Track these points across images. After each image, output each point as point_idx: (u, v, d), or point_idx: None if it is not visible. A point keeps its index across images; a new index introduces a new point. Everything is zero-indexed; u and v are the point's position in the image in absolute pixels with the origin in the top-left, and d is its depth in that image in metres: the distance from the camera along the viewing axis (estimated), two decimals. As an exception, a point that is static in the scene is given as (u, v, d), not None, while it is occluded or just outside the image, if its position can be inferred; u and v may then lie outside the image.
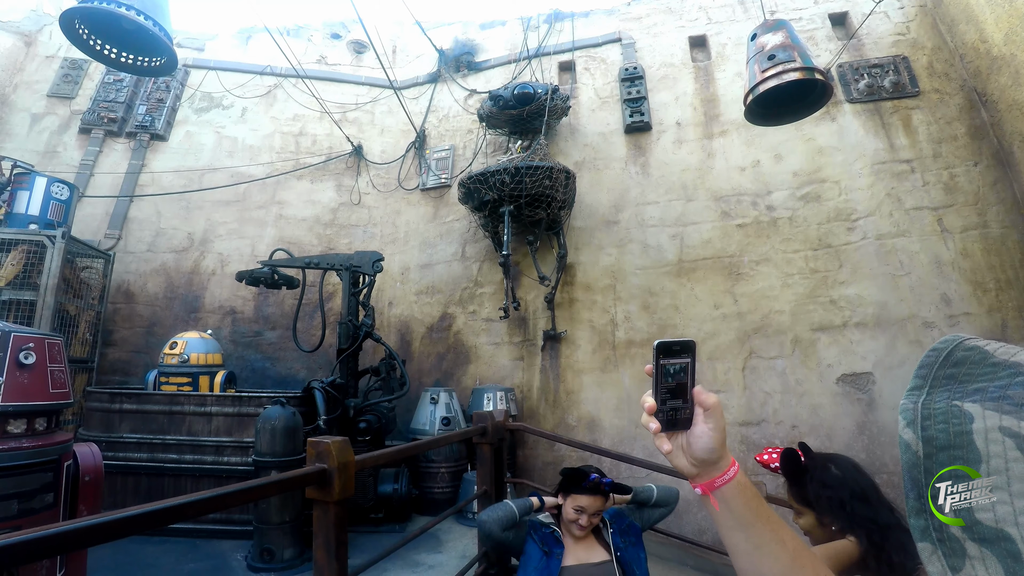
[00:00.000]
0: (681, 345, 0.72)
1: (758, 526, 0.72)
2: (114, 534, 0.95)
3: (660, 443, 0.74)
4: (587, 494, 2.19)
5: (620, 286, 5.43)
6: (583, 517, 2.16)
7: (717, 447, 0.72)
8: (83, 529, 0.90)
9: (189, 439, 3.96)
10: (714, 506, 0.73)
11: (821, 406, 4.63)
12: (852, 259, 4.86)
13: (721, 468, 0.73)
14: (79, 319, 5.34)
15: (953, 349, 0.53)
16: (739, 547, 0.73)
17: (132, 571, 3.19)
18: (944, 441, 0.49)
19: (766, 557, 0.71)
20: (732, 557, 0.75)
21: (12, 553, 0.79)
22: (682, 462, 0.75)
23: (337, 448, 1.46)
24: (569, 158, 5.96)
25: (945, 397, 0.51)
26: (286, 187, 6.81)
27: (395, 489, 4.08)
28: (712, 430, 0.72)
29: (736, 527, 0.72)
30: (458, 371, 5.82)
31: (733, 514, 0.72)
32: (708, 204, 5.40)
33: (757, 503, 0.73)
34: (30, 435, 1.80)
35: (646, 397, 0.74)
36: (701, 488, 0.74)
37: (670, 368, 0.73)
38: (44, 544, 0.84)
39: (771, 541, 0.71)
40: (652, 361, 0.73)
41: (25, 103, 6.93)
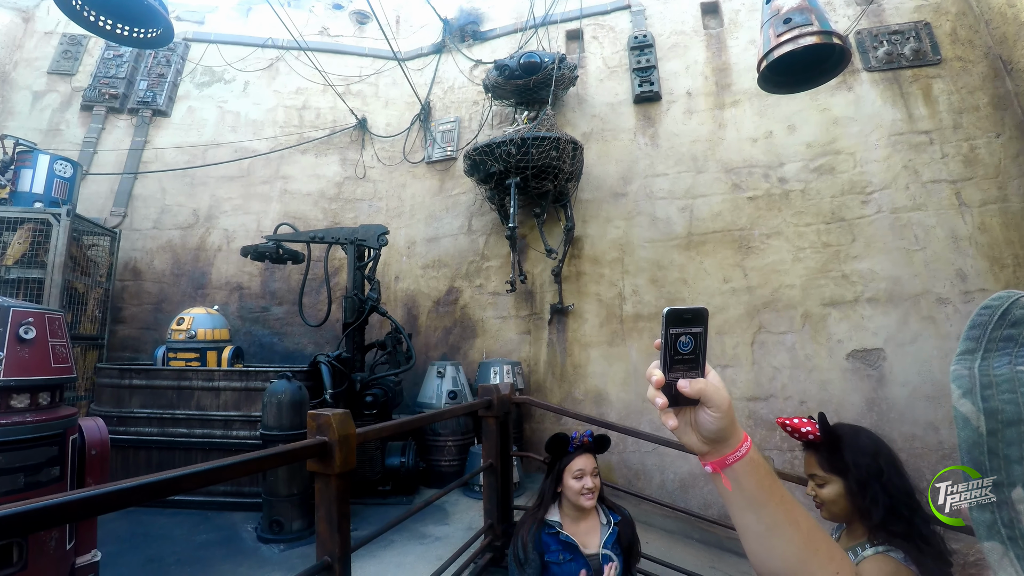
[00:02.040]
0: (693, 313, 0.67)
1: (771, 506, 0.68)
2: (116, 504, 0.95)
3: (666, 419, 0.69)
4: (578, 455, 2.20)
5: (628, 259, 5.37)
6: (587, 479, 2.15)
7: (723, 426, 0.68)
8: (86, 499, 0.89)
9: (198, 413, 3.99)
10: (725, 486, 0.69)
11: (830, 382, 4.59)
12: (866, 233, 4.75)
13: (733, 444, 0.69)
14: (87, 297, 5.35)
15: (1009, 307, 0.47)
16: (750, 528, 0.70)
17: (145, 542, 3.24)
18: (1013, 414, 0.43)
19: (779, 539, 0.68)
20: (742, 538, 0.72)
21: (15, 522, 0.79)
22: (691, 439, 0.70)
23: (338, 420, 1.44)
24: (576, 129, 5.84)
25: (1006, 362, 0.45)
26: (290, 162, 6.74)
27: (402, 462, 4.11)
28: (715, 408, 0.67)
29: (747, 507, 0.69)
30: (465, 345, 5.82)
31: (744, 493, 0.68)
32: (718, 176, 5.29)
33: (770, 481, 0.69)
34: (34, 409, 1.79)
35: (653, 369, 0.68)
36: (711, 466, 0.70)
37: (680, 339, 0.67)
38: (47, 513, 0.83)
39: (784, 522, 0.68)
40: (660, 331, 0.67)
41: (26, 80, 6.86)
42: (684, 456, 4.60)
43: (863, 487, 1.43)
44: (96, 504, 0.91)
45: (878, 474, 1.42)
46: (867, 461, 1.44)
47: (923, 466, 4.09)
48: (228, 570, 2.86)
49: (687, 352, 0.68)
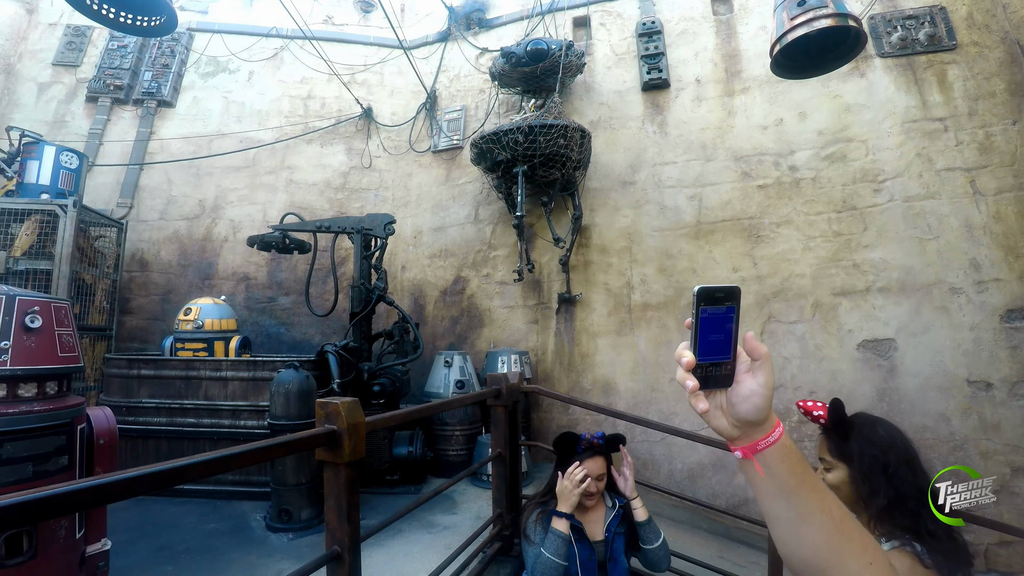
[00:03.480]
0: (725, 292, 0.65)
1: (803, 493, 0.66)
2: (125, 492, 0.93)
3: (696, 401, 0.67)
4: (586, 457, 2.17)
5: (636, 248, 5.32)
6: (590, 483, 2.13)
7: (766, 406, 0.66)
8: (94, 487, 0.88)
9: (206, 403, 4.00)
10: (758, 471, 0.67)
11: (840, 372, 4.55)
12: (877, 222, 4.69)
13: (765, 429, 0.67)
14: (95, 288, 5.37)
15: None
16: (780, 516, 0.68)
17: (155, 530, 3.26)
18: None
19: (810, 527, 0.66)
20: (771, 526, 0.70)
21: (24, 511, 0.77)
22: (722, 423, 0.68)
23: (347, 409, 1.41)
24: (584, 117, 5.78)
25: None
26: (296, 152, 6.72)
27: (410, 451, 4.10)
28: (762, 386, 0.66)
29: (778, 494, 0.67)
30: (472, 334, 5.80)
31: (776, 480, 0.66)
32: (728, 164, 5.22)
33: (802, 468, 0.67)
34: (41, 399, 1.78)
35: (683, 350, 0.66)
36: (742, 451, 0.68)
37: (712, 318, 0.64)
38: (55, 502, 0.81)
39: (816, 510, 0.66)
40: (691, 309, 0.64)
41: (31, 72, 6.85)
42: (692, 446, 4.59)
43: (865, 477, 1.42)
44: (105, 492, 0.89)
45: (883, 466, 1.40)
46: (874, 452, 1.43)
47: (933, 457, 4.05)
48: (238, 558, 2.87)
49: (718, 332, 0.65)
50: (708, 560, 2.95)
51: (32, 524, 1.62)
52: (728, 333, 0.66)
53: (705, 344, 0.65)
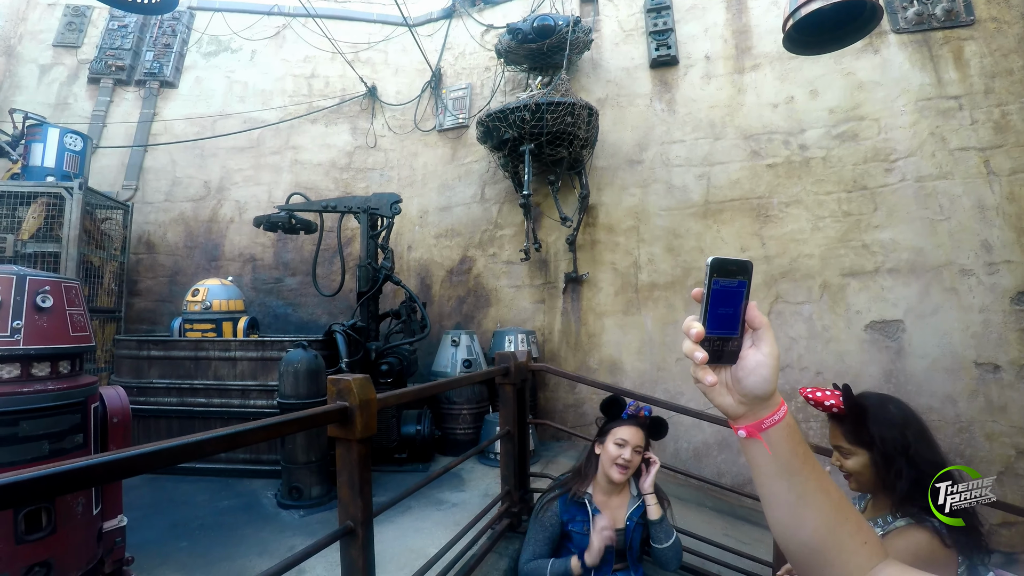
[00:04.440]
0: (738, 265, 0.63)
1: (804, 473, 0.65)
2: (140, 467, 0.94)
3: (704, 375, 0.65)
4: (628, 425, 2.16)
5: (644, 227, 5.29)
6: (625, 450, 2.10)
7: (773, 377, 0.64)
8: (110, 463, 0.89)
9: (216, 383, 4.03)
10: (763, 450, 0.65)
11: (848, 353, 4.54)
12: (888, 202, 4.62)
13: (771, 407, 0.66)
14: (103, 270, 5.38)
15: None
16: (779, 497, 0.67)
17: (169, 507, 3.32)
18: None
19: (809, 508, 0.65)
20: (769, 507, 0.69)
21: (44, 485, 0.78)
22: (727, 400, 0.67)
23: (358, 385, 1.41)
24: (591, 95, 5.70)
25: None
26: (300, 131, 6.67)
27: (418, 430, 4.14)
28: (767, 356, 0.64)
29: (779, 474, 0.66)
30: (479, 314, 5.82)
31: (778, 460, 0.65)
32: (737, 143, 5.15)
33: (804, 448, 0.66)
34: (55, 378, 1.80)
35: (692, 322, 0.64)
36: (746, 430, 0.66)
37: (723, 291, 0.63)
38: (73, 476, 0.82)
39: (816, 490, 0.65)
40: (704, 281, 0.63)
41: (32, 54, 6.79)
42: (698, 425, 4.61)
43: (888, 461, 1.40)
44: (120, 467, 0.90)
45: (905, 447, 1.39)
46: (894, 434, 1.41)
47: (939, 439, 4.00)
48: (251, 534, 2.92)
49: (728, 306, 0.64)
50: (713, 537, 2.98)
51: (53, 497, 1.65)
52: (738, 308, 0.64)
53: (714, 317, 0.64)
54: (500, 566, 2.47)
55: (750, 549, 2.94)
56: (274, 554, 2.65)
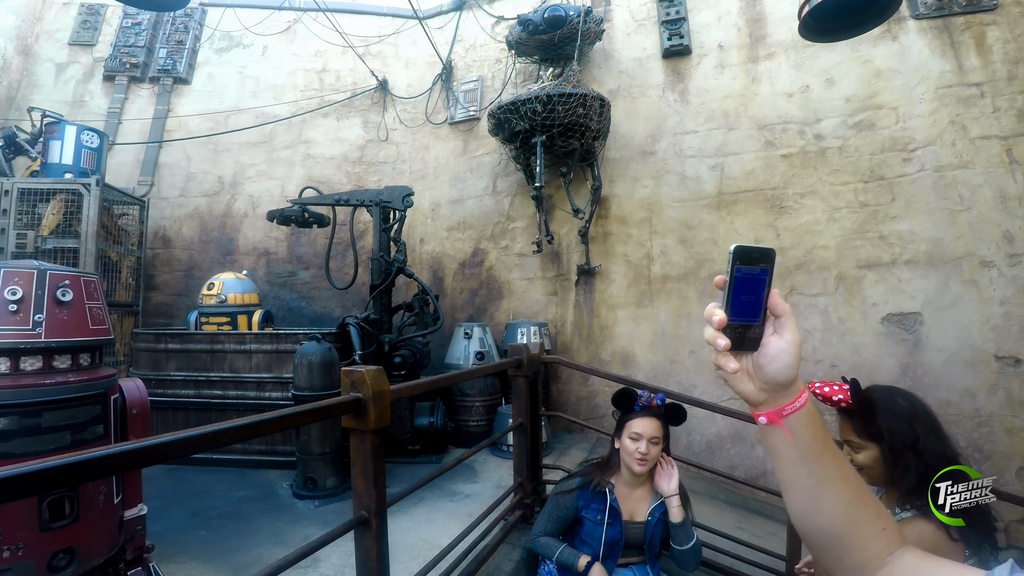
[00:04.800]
0: (760, 253, 0.63)
1: (824, 459, 0.66)
2: (159, 456, 0.95)
3: (726, 361, 0.65)
4: (641, 417, 2.12)
5: (656, 219, 5.26)
6: (641, 443, 2.07)
7: (795, 364, 0.65)
8: (131, 451, 0.90)
9: (232, 376, 4.09)
10: (785, 437, 0.66)
11: (863, 346, 4.48)
12: (906, 192, 4.54)
13: (792, 394, 0.66)
14: (121, 265, 5.47)
15: None
16: (800, 482, 0.67)
17: (188, 497, 3.38)
18: None
19: (829, 493, 0.66)
20: (789, 493, 0.69)
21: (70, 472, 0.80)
22: (748, 387, 0.67)
23: (372, 377, 1.42)
24: (603, 86, 5.65)
25: None
26: (312, 125, 6.71)
27: (431, 422, 4.17)
28: (789, 344, 0.65)
29: (800, 460, 0.66)
30: (491, 306, 5.83)
31: (799, 446, 0.66)
32: (751, 133, 5.09)
33: (824, 434, 0.66)
34: (76, 370, 1.82)
35: (714, 309, 0.64)
36: (767, 416, 0.66)
37: (746, 278, 0.64)
38: (96, 464, 0.84)
39: (836, 476, 0.66)
40: (727, 268, 0.63)
41: (48, 53, 6.90)
42: (711, 418, 4.59)
43: (897, 455, 1.39)
44: (140, 456, 0.92)
45: (913, 441, 1.37)
46: (902, 428, 1.40)
47: (957, 433, 4.00)
48: (267, 524, 2.96)
49: (751, 293, 0.64)
50: (726, 530, 2.97)
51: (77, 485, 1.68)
52: (760, 295, 0.64)
53: (737, 304, 0.64)
54: (513, 557, 2.48)
55: (763, 542, 2.93)
56: (290, 543, 2.68)
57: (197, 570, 2.41)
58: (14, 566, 1.60)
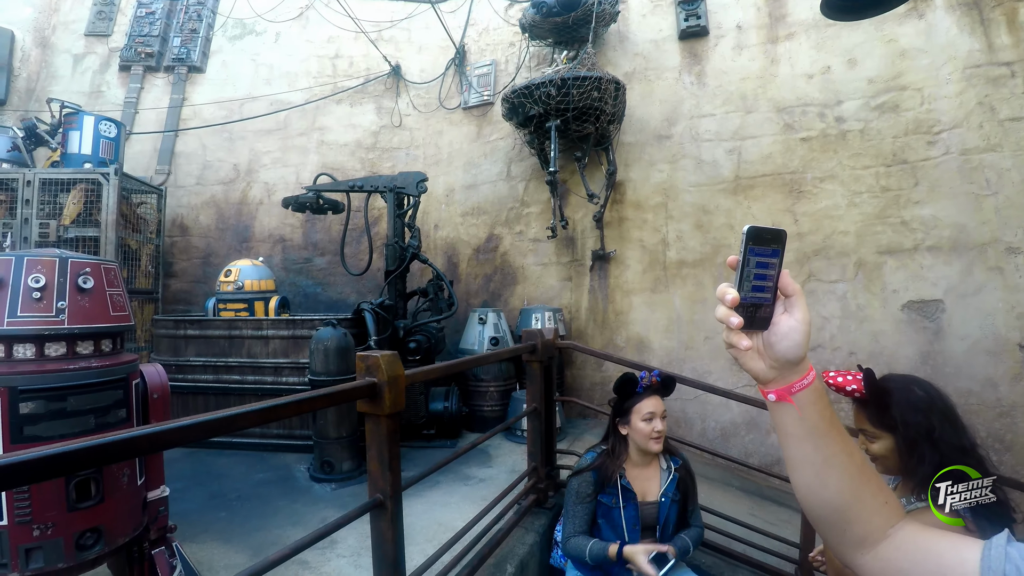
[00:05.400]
0: (773, 234, 0.65)
1: (830, 436, 0.68)
2: (180, 439, 0.97)
3: (739, 340, 0.67)
4: (647, 397, 2.17)
5: (672, 204, 5.20)
6: (656, 421, 2.13)
7: (805, 342, 0.66)
8: (153, 434, 0.92)
9: (249, 361, 4.15)
10: (795, 413, 0.67)
11: (883, 333, 4.41)
12: (930, 176, 4.41)
13: (801, 371, 0.68)
14: (140, 253, 5.56)
15: None
16: (807, 459, 0.69)
17: (208, 479, 3.45)
18: None
19: (834, 469, 0.68)
20: (796, 470, 0.71)
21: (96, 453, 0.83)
22: (758, 365, 0.69)
23: (386, 362, 1.43)
24: (618, 69, 5.56)
25: None
26: (326, 112, 6.71)
27: (446, 407, 4.21)
28: (800, 322, 0.66)
29: (807, 437, 0.68)
30: (505, 292, 5.84)
31: (806, 423, 0.68)
32: (769, 116, 4.98)
33: (830, 412, 0.69)
34: (98, 355, 1.86)
35: (726, 288, 0.66)
36: (777, 394, 0.68)
37: (759, 259, 0.65)
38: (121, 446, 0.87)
39: (841, 452, 0.68)
40: (740, 248, 0.65)
41: (65, 44, 6.96)
42: (726, 404, 4.57)
43: (911, 445, 1.37)
44: (163, 438, 0.93)
45: (929, 431, 1.35)
46: (917, 418, 1.37)
47: (978, 423, 3.93)
48: (285, 506, 3.02)
49: (763, 273, 0.65)
50: (740, 517, 2.97)
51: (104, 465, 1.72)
52: (771, 275, 0.66)
53: (749, 284, 0.66)
54: (526, 540, 2.51)
55: (777, 530, 2.93)
56: (307, 525, 2.74)
57: (218, 550, 2.47)
58: (44, 544, 1.66)
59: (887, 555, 0.67)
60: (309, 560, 2.31)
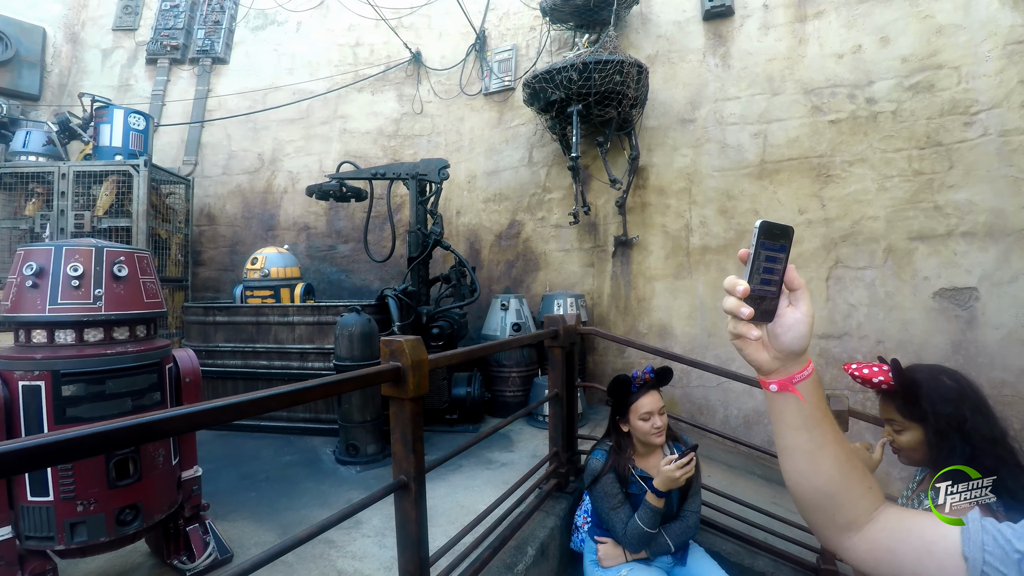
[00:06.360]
0: (782, 230, 0.69)
1: (824, 425, 0.71)
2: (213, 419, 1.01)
3: (748, 330, 0.70)
4: (642, 395, 2.19)
5: (696, 189, 5.12)
6: (655, 419, 2.16)
7: (809, 333, 0.70)
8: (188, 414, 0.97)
9: (276, 347, 4.24)
10: (792, 403, 0.71)
11: (912, 321, 4.30)
12: (966, 159, 4.24)
13: (802, 363, 0.72)
14: (170, 242, 5.71)
15: None
16: (801, 447, 0.73)
17: (238, 461, 3.56)
18: None
19: (827, 456, 0.72)
20: (789, 458, 0.75)
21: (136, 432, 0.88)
22: (763, 356, 0.72)
23: (410, 346, 1.46)
24: (641, 52, 5.47)
25: None
26: (347, 100, 6.75)
27: (468, 392, 4.25)
28: (805, 315, 0.70)
29: (803, 426, 0.72)
30: (528, 278, 5.85)
31: (803, 412, 0.71)
32: (796, 98, 4.85)
33: (824, 402, 0.73)
34: (133, 340, 1.94)
35: (736, 280, 0.70)
36: (779, 384, 0.72)
37: (768, 252, 0.69)
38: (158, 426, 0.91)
39: (833, 440, 0.72)
40: (752, 242, 0.68)
41: (94, 39, 7.14)
42: (749, 392, 4.52)
43: (941, 437, 1.34)
44: (196, 419, 0.97)
45: (960, 422, 1.33)
46: (948, 409, 1.35)
47: (1011, 415, 3.81)
48: (311, 487, 3.10)
49: (771, 267, 0.68)
50: (762, 505, 2.96)
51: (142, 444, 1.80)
52: (779, 270, 0.69)
53: (758, 277, 0.69)
54: (547, 524, 2.54)
55: (798, 518, 2.89)
56: (333, 505, 2.81)
57: (249, 528, 2.56)
58: (87, 520, 1.75)
59: (873, 536, 0.71)
60: (335, 539, 2.38)
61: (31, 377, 1.70)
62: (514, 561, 2.18)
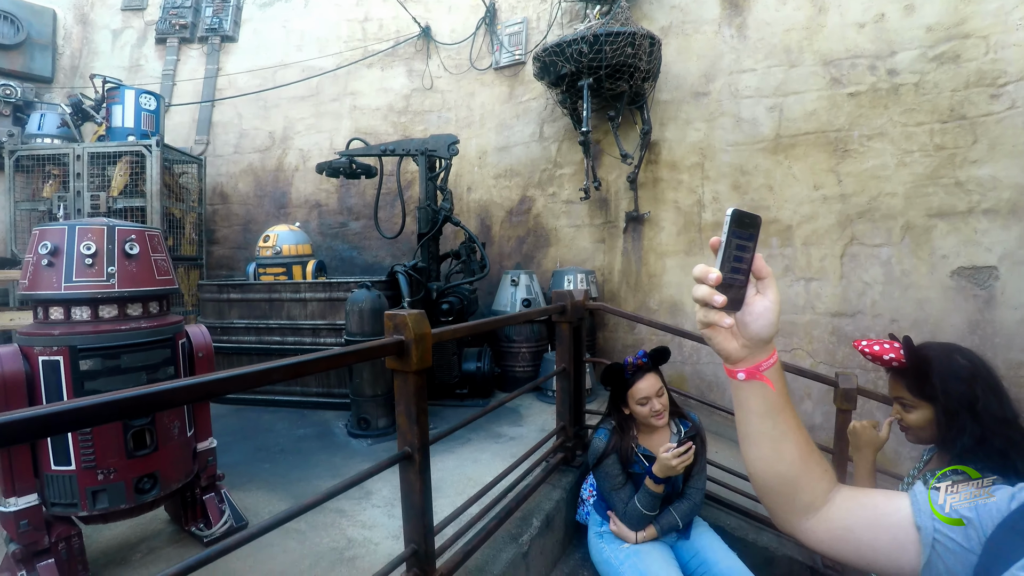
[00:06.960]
0: (751, 219, 0.68)
1: (787, 411, 0.73)
2: (223, 389, 1.06)
3: (721, 318, 0.69)
4: (637, 381, 2.19)
5: (709, 164, 5.03)
6: (653, 402, 2.16)
7: (777, 321, 0.71)
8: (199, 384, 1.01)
9: (289, 323, 4.31)
10: (759, 391, 0.72)
11: (928, 300, 4.22)
12: (991, 133, 4.08)
13: (769, 350, 0.73)
14: (184, 221, 5.78)
15: None
16: (765, 434, 0.74)
17: (253, 433, 3.66)
18: None
19: (789, 443, 0.73)
20: (752, 445, 0.76)
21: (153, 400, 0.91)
22: (731, 345, 0.73)
23: (413, 320, 1.47)
24: (654, 23, 5.33)
25: None
26: (357, 77, 6.70)
27: (478, 367, 4.30)
28: (773, 303, 0.71)
29: (767, 413, 0.73)
30: (538, 254, 5.84)
31: (769, 399, 0.73)
32: (815, 70, 4.71)
33: (786, 388, 0.74)
34: (147, 317, 1.99)
35: (707, 268, 0.69)
36: (746, 372, 0.73)
37: (739, 241, 0.68)
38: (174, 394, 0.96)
39: (794, 427, 0.74)
40: (724, 230, 0.68)
41: (104, 20, 7.15)
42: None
43: (952, 416, 1.33)
44: (206, 388, 1.01)
45: (972, 402, 1.30)
46: (960, 388, 1.33)
47: (1026, 399, 3.77)
48: (324, 459, 3.18)
49: (741, 256, 0.69)
50: (770, 479, 2.97)
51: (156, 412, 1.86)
52: (748, 258, 0.69)
53: (729, 265, 0.68)
54: (553, 496, 2.58)
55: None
56: (344, 476, 2.85)
57: (263, 497, 2.64)
58: (108, 487, 1.82)
59: (830, 516, 0.74)
60: (346, 509, 2.45)
61: (50, 352, 1.75)
62: (519, 532, 2.23)
